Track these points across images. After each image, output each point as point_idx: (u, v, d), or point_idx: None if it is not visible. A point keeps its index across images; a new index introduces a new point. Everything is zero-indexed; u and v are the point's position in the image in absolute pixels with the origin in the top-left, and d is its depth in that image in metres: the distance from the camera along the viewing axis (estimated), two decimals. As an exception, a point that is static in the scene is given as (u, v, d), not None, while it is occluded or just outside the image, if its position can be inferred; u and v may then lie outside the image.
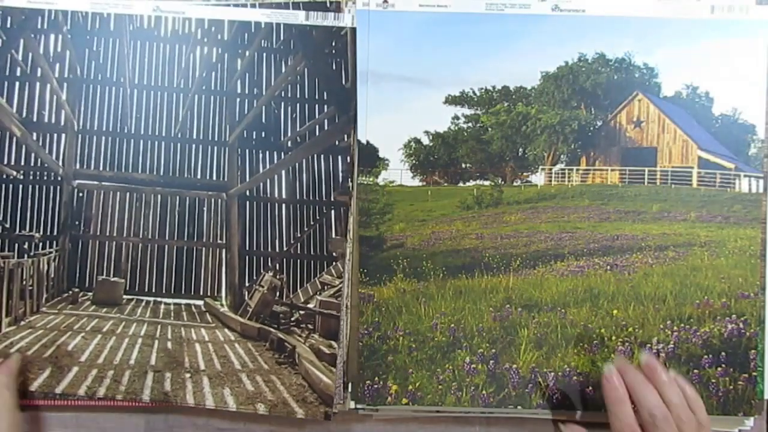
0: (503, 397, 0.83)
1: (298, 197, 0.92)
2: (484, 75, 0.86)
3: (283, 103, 0.92)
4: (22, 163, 0.93)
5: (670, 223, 0.86)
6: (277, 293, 0.93)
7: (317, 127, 0.91)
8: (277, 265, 0.94)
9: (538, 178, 0.89)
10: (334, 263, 0.90)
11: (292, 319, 0.93)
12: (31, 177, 0.93)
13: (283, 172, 0.92)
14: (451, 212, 0.89)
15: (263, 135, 0.93)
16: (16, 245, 0.92)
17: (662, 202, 0.86)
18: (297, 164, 0.92)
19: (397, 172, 0.88)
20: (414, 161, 0.89)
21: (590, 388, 0.82)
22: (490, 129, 0.90)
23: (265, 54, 0.92)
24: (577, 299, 0.85)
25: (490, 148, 0.90)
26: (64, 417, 0.90)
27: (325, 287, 0.91)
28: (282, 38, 0.90)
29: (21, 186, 0.92)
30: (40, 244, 0.93)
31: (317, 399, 0.86)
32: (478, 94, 0.87)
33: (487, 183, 0.89)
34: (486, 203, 0.89)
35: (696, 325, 0.83)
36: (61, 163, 0.93)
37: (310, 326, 0.91)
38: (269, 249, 0.94)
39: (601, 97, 0.88)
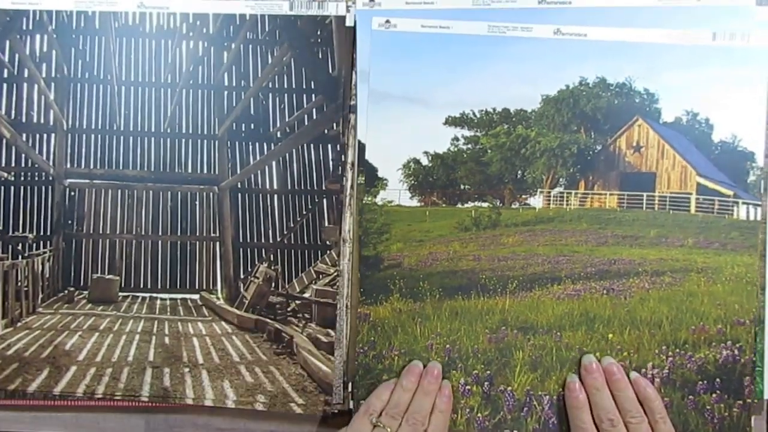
0: (499, 421, 0.82)
1: (289, 187, 0.93)
2: (484, 97, 0.86)
3: (270, 94, 0.92)
4: (13, 165, 0.93)
5: (667, 249, 0.85)
6: (273, 284, 0.93)
7: (306, 116, 0.92)
8: (272, 256, 0.94)
9: (537, 201, 0.89)
10: (328, 252, 0.90)
11: (289, 309, 0.93)
12: (22, 178, 0.93)
13: (274, 163, 0.93)
14: (449, 233, 0.88)
15: (252, 127, 0.93)
16: (10, 247, 0.92)
17: (660, 227, 0.86)
18: (287, 154, 0.92)
19: (396, 192, 0.88)
20: (413, 181, 0.89)
21: None
22: (489, 151, 0.89)
23: (251, 46, 0.92)
24: (572, 322, 0.84)
25: (489, 170, 0.90)
26: (64, 417, 0.90)
27: (320, 276, 0.91)
28: (267, 29, 0.90)
29: (12, 187, 0.93)
30: (34, 244, 0.93)
31: (317, 388, 0.86)
32: (478, 115, 0.87)
33: (485, 205, 0.89)
34: (484, 225, 0.89)
35: (691, 351, 0.82)
36: (51, 163, 0.93)
37: (306, 315, 0.91)
38: (263, 240, 0.94)
39: (601, 121, 0.87)
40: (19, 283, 0.93)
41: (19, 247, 0.92)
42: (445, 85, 0.86)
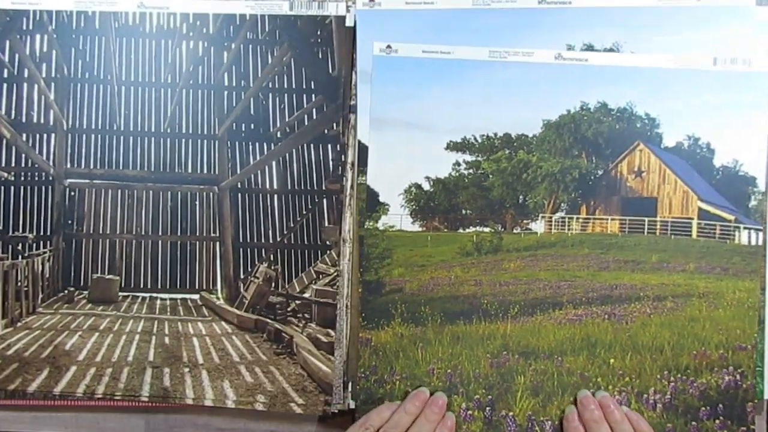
0: None
1: (289, 187, 0.93)
2: (485, 122, 0.86)
3: (270, 94, 0.92)
4: (13, 165, 0.93)
5: (668, 274, 0.85)
6: (273, 284, 0.93)
7: (306, 116, 0.92)
8: (272, 256, 0.94)
9: (538, 226, 0.89)
10: (328, 252, 0.90)
11: (289, 309, 0.93)
12: (22, 178, 0.93)
13: (274, 162, 0.93)
14: (451, 258, 0.88)
15: (252, 127, 0.93)
16: (10, 247, 0.92)
17: (661, 252, 0.86)
18: (287, 154, 0.92)
19: (397, 217, 0.88)
20: (414, 206, 0.89)
21: None
22: (491, 176, 0.90)
23: (251, 46, 0.92)
24: (574, 347, 0.84)
25: (490, 194, 0.90)
26: (64, 417, 0.90)
27: (320, 276, 0.91)
28: (267, 29, 0.90)
29: (12, 187, 0.93)
30: (34, 244, 0.93)
31: (317, 388, 0.86)
32: (479, 140, 0.87)
33: (486, 230, 0.89)
34: (485, 250, 0.89)
35: (693, 376, 0.82)
36: (51, 163, 0.93)
37: (306, 315, 0.91)
38: (263, 240, 0.94)
39: (602, 146, 0.87)
40: (19, 283, 0.93)
41: (19, 247, 0.92)
42: (447, 110, 0.86)
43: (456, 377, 0.84)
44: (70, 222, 0.95)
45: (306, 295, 0.92)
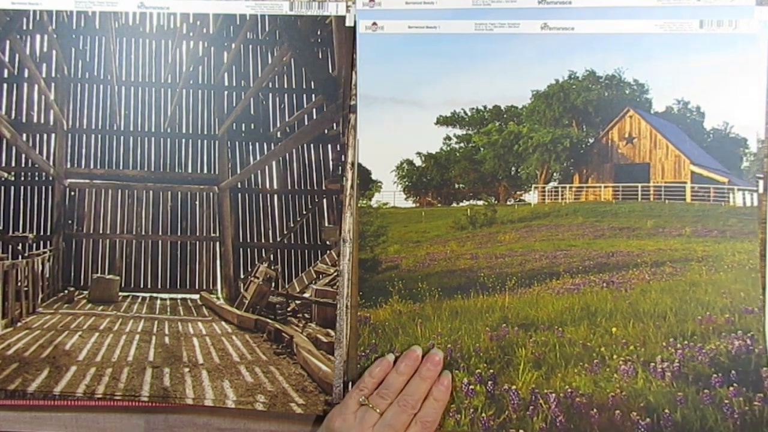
0: (503, 420, 0.82)
1: (289, 187, 0.93)
2: (474, 95, 0.86)
3: (270, 94, 0.92)
4: (13, 165, 0.93)
5: (665, 239, 0.85)
6: (273, 284, 0.93)
7: (306, 116, 0.92)
8: (272, 256, 0.94)
9: (532, 197, 0.89)
10: (328, 252, 0.90)
11: (289, 309, 0.93)
12: (22, 178, 0.93)
13: (274, 163, 0.93)
14: (445, 233, 0.89)
15: (252, 127, 0.93)
16: (10, 247, 0.92)
17: (656, 217, 0.85)
18: (287, 154, 0.92)
19: (390, 194, 0.88)
20: (407, 183, 0.90)
21: (594, 410, 0.80)
22: (482, 149, 0.90)
23: (251, 46, 0.92)
24: (574, 317, 0.84)
25: (482, 167, 0.90)
26: (64, 417, 0.90)
27: (320, 276, 0.91)
28: (267, 29, 0.91)
29: (13, 187, 0.93)
30: (34, 244, 0.93)
31: (317, 388, 0.86)
32: (469, 114, 0.88)
33: (480, 203, 0.89)
34: (480, 223, 0.89)
35: (701, 342, 0.81)
36: (51, 163, 0.93)
37: (306, 315, 0.91)
38: (263, 240, 0.94)
39: (592, 114, 0.87)
40: (19, 283, 0.93)
41: (19, 247, 0.92)
42: (435, 85, 0.86)
43: (456, 352, 0.84)
44: (70, 222, 0.95)
45: (306, 295, 0.92)
